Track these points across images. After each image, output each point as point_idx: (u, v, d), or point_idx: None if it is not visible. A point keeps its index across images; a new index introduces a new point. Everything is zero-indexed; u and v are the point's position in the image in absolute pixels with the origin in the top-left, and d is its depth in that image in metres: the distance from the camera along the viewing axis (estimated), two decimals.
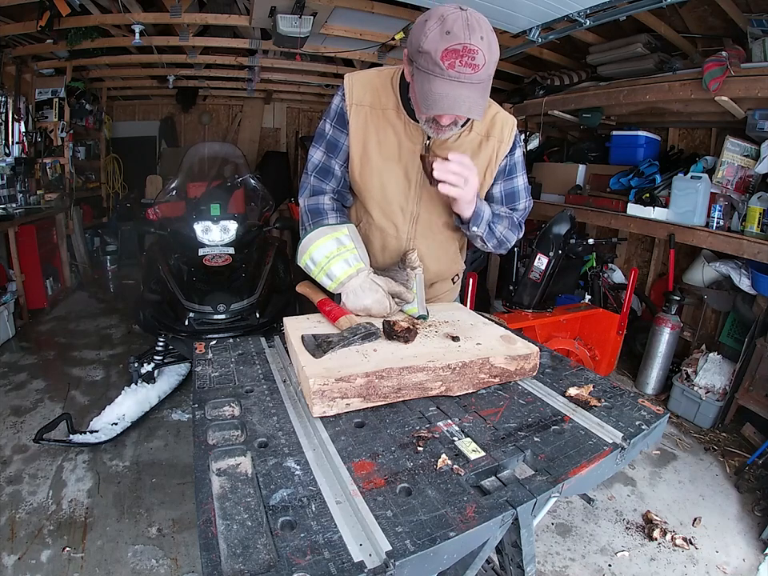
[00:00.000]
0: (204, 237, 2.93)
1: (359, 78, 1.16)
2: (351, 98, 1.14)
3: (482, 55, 0.89)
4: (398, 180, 1.18)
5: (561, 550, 1.83)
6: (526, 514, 0.69)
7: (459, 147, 1.15)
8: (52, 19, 3.05)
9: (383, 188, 1.19)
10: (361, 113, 1.14)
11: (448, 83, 0.90)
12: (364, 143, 1.16)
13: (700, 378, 2.71)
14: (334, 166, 1.20)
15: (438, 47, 0.88)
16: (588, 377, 1.07)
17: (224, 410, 0.88)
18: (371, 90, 1.14)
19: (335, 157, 1.19)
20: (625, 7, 2.33)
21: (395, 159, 1.16)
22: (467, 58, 0.87)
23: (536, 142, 4.37)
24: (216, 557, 0.57)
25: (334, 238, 1.10)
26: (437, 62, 0.88)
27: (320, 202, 1.19)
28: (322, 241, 1.10)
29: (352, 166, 1.20)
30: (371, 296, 1.08)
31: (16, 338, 3.42)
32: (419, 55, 0.92)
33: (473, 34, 0.88)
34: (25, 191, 3.87)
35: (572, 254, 2.81)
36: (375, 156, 1.16)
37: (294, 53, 4.11)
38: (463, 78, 0.89)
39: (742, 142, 2.65)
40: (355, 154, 1.17)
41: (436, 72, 0.89)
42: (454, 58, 0.87)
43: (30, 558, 1.67)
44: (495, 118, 1.18)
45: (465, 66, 0.88)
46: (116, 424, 2.35)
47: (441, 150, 1.13)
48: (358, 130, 1.15)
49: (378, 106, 1.14)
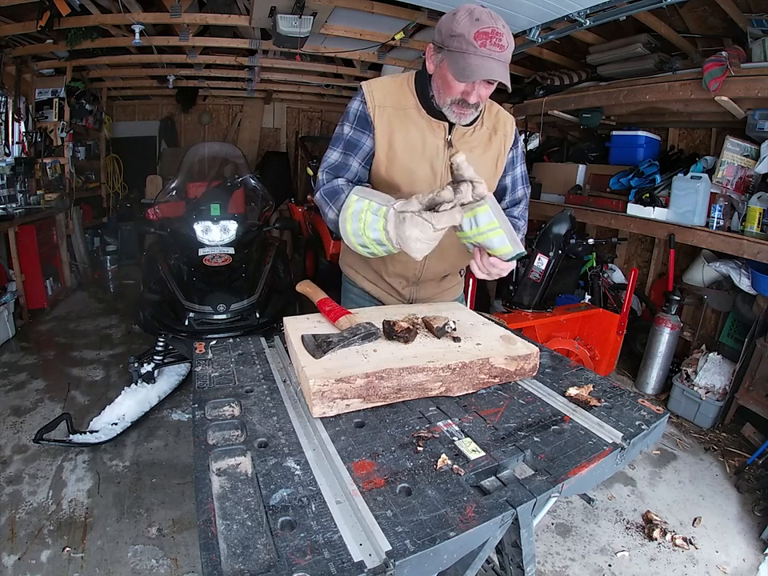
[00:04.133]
0: (204, 237, 2.93)
1: (377, 83, 1.24)
2: (373, 101, 1.20)
3: (506, 38, 1.04)
4: (425, 173, 1.23)
5: (561, 550, 1.83)
6: (525, 513, 0.69)
7: (474, 140, 1.25)
8: (52, 19, 3.05)
9: (411, 182, 1.23)
10: (384, 114, 1.20)
11: (482, 58, 1.02)
12: (390, 141, 1.21)
13: (700, 378, 2.71)
14: (352, 163, 1.23)
15: (471, 30, 1.02)
16: (588, 377, 1.07)
17: (224, 410, 0.88)
18: (390, 92, 1.22)
19: (354, 155, 1.23)
20: (625, 7, 2.33)
21: (420, 153, 1.22)
22: (495, 38, 1.02)
23: (536, 142, 4.37)
24: (216, 557, 0.57)
25: (350, 214, 1.05)
26: (470, 41, 1.01)
27: (334, 184, 1.18)
28: (347, 225, 1.06)
29: (378, 163, 1.24)
30: (409, 224, 0.94)
31: (16, 338, 3.41)
32: (452, 39, 1.04)
33: (497, 22, 1.03)
34: (25, 191, 3.86)
35: (572, 254, 2.82)
36: (401, 152, 1.22)
37: (294, 53, 4.11)
38: (494, 55, 1.03)
39: (742, 141, 2.65)
40: (381, 152, 1.22)
41: (470, 50, 1.02)
42: (485, 38, 1.01)
43: (30, 558, 1.67)
44: (498, 115, 1.29)
45: (494, 45, 1.02)
46: (116, 424, 2.35)
47: (460, 144, 1.22)
48: (384, 129, 1.21)
49: (399, 106, 1.21)
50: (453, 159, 0.98)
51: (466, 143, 1.23)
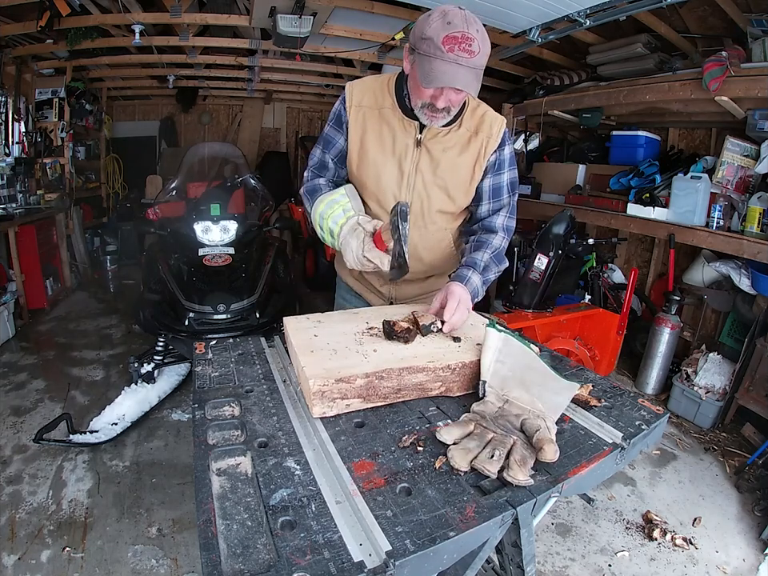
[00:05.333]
0: (204, 237, 2.93)
1: (358, 84, 1.27)
2: (351, 101, 1.24)
3: (477, 44, 1.00)
4: (392, 171, 1.25)
5: (561, 550, 1.83)
6: (525, 513, 0.69)
7: (449, 141, 1.23)
8: (52, 19, 3.05)
9: (378, 179, 1.26)
10: (359, 113, 1.24)
11: (447, 64, 1.00)
12: (362, 139, 1.25)
13: (700, 378, 2.71)
14: (328, 161, 1.31)
15: (440, 34, 0.99)
16: (588, 377, 1.07)
17: (224, 410, 0.88)
18: (369, 92, 1.25)
19: (329, 152, 1.30)
20: (625, 7, 2.33)
21: (390, 152, 1.24)
22: (465, 44, 0.99)
23: (536, 142, 4.36)
24: (216, 557, 0.57)
25: (330, 199, 1.20)
26: (438, 45, 0.99)
27: (315, 183, 1.29)
28: (321, 206, 1.20)
29: (350, 161, 1.29)
30: (354, 236, 1.11)
31: (16, 338, 3.41)
32: (422, 42, 1.02)
33: (470, 26, 1.00)
34: (25, 191, 3.86)
35: (572, 254, 2.81)
36: (372, 150, 1.25)
37: (294, 53, 4.11)
38: (461, 61, 0.99)
39: (742, 141, 2.65)
40: (354, 149, 1.27)
41: (437, 54, 1.00)
42: (453, 43, 0.98)
43: (30, 558, 1.67)
44: (485, 116, 1.25)
45: (462, 51, 0.99)
46: (116, 424, 2.35)
47: (432, 144, 1.22)
48: (357, 128, 1.25)
49: (374, 106, 1.24)
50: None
51: (438, 143, 1.22)
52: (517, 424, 0.82)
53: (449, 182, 1.26)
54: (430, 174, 1.24)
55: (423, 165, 1.24)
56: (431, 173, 1.24)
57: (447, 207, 1.30)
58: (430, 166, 1.24)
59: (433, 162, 1.23)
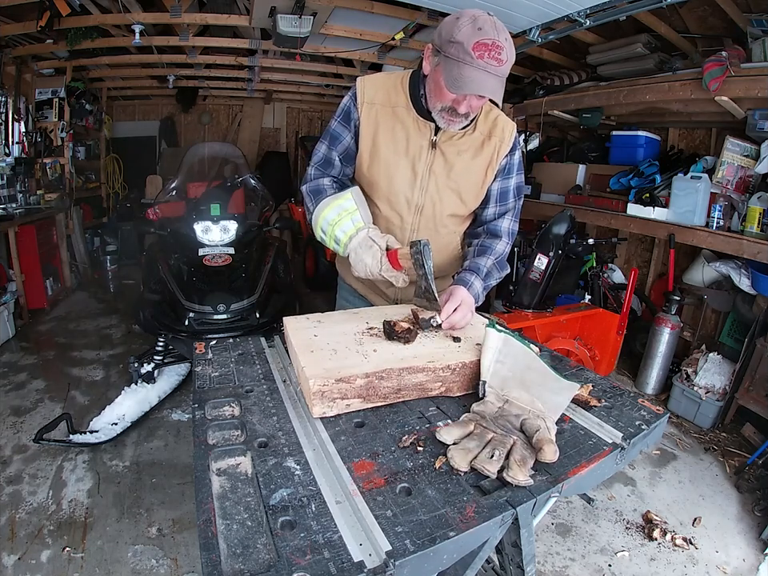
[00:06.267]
0: (204, 237, 2.93)
1: (371, 80, 1.23)
2: (363, 98, 1.20)
3: (506, 53, 0.99)
4: (405, 172, 1.23)
5: (561, 550, 1.83)
6: (525, 513, 0.69)
7: (463, 144, 1.22)
8: (52, 19, 3.05)
9: (390, 180, 1.24)
10: (371, 110, 1.21)
11: (476, 70, 0.99)
12: (374, 138, 1.22)
13: (700, 378, 2.71)
14: (334, 157, 1.26)
15: (471, 39, 0.97)
16: (588, 377, 1.07)
17: (224, 410, 0.88)
18: (382, 89, 1.21)
19: (335, 149, 1.26)
20: (625, 7, 2.33)
21: (403, 152, 1.22)
22: (494, 52, 0.98)
23: (536, 142, 4.37)
24: (216, 557, 0.57)
25: (337, 204, 1.15)
26: (468, 51, 0.98)
27: (320, 183, 1.25)
28: (327, 211, 1.16)
29: (360, 160, 1.25)
30: (369, 253, 1.11)
31: (16, 338, 3.41)
32: (450, 45, 1.01)
33: (500, 34, 0.99)
34: (25, 191, 3.86)
35: (572, 253, 2.81)
36: (384, 150, 1.22)
37: (294, 53, 4.11)
38: (489, 69, 0.99)
39: (742, 141, 2.65)
40: (365, 148, 1.23)
41: (467, 60, 0.98)
42: (484, 50, 0.97)
43: (30, 558, 1.67)
44: (497, 120, 1.24)
45: (491, 59, 0.98)
46: (116, 424, 2.35)
47: (447, 146, 1.21)
48: (369, 126, 1.21)
49: (388, 104, 1.20)
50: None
51: (453, 146, 1.21)
52: (517, 424, 0.82)
53: (462, 186, 1.25)
54: (443, 177, 1.23)
55: (437, 167, 1.22)
56: (445, 176, 1.23)
57: (459, 210, 1.29)
58: (444, 169, 1.22)
59: (447, 165, 1.22)
